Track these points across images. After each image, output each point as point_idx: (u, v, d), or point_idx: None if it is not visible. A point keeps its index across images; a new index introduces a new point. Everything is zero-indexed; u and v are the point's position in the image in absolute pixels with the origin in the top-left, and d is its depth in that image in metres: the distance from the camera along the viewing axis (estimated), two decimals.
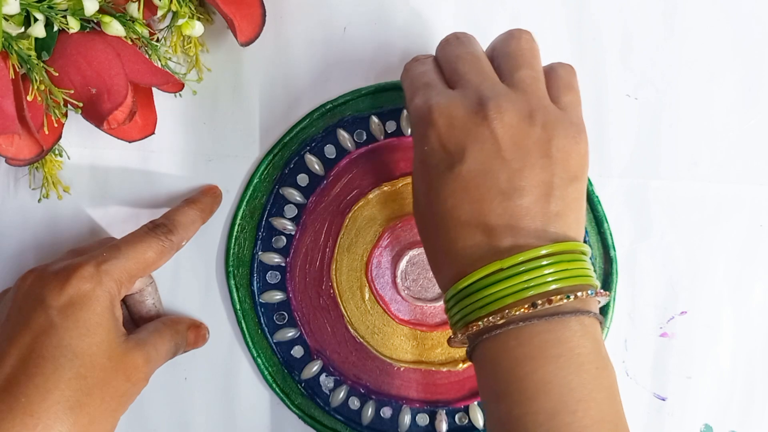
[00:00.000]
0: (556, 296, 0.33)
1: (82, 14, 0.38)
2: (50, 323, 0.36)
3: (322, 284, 0.46)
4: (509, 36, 0.38)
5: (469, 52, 0.37)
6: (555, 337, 0.33)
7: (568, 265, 0.33)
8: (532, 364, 0.32)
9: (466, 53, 0.37)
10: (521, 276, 0.33)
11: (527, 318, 0.33)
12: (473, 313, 0.34)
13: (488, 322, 0.33)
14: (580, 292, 0.33)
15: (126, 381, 0.38)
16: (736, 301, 0.46)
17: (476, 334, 0.34)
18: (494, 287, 0.33)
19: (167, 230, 0.41)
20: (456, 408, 0.45)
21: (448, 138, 0.35)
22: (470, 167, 0.34)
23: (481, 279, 0.34)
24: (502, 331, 0.33)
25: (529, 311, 0.33)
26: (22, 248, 0.46)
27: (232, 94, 0.46)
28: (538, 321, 0.33)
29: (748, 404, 0.46)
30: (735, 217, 0.46)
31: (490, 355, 0.34)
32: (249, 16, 0.42)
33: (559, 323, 0.33)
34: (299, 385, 0.45)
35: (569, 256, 0.33)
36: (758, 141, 0.46)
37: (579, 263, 0.34)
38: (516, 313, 0.33)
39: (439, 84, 0.37)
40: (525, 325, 0.33)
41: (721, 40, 0.46)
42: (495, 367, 0.34)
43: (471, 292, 0.34)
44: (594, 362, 0.33)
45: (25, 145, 0.40)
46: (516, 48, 0.37)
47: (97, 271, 0.38)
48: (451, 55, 0.38)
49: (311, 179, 0.45)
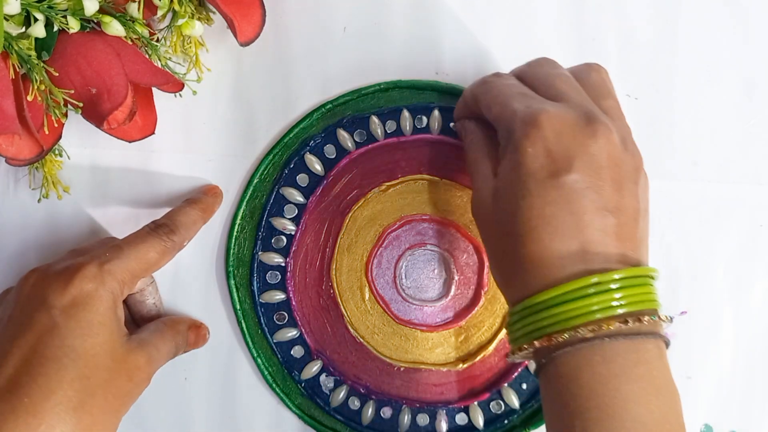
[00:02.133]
0: (644, 316, 0.33)
1: (82, 14, 0.38)
2: (53, 323, 0.36)
3: (322, 284, 0.46)
4: (589, 68, 0.39)
5: (563, 73, 0.38)
6: (638, 357, 0.33)
7: (648, 288, 0.34)
8: (616, 382, 0.32)
9: (562, 74, 0.38)
10: (613, 292, 0.33)
11: (616, 334, 0.33)
12: (557, 325, 0.33)
13: (575, 334, 0.33)
14: (655, 316, 0.34)
15: (128, 381, 0.38)
16: (736, 301, 0.46)
17: (554, 347, 0.34)
18: (588, 299, 0.33)
19: (169, 230, 0.41)
20: (456, 408, 0.45)
21: (555, 145, 0.34)
22: (577, 178, 0.34)
23: (573, 290, 0.33)
24: (587, 345, 0.33)
25: (618, 328, 0.33)
26: (23, 248, 0.46)
27: (232, 94, 0.46)
28: (624, 339, 0.33)
29: (748, 404, 0.46)
30: (735, 217, 0.46)
31: (567, 370, 0.33)
32: (249, 16, 0.42)
33: (642, 344, 0.33)
34: (299, 385, 0.45)
35: (650, 280, 0.34)
36: (758, 141, 0.46)
37: (653, 287, 0.35)
38: (607, 328, 0.33)
39: (538, 95, 0.37)
40: (610, 342, 0.33)
41: (721, 40, 0.46)
42: (574, 383, 0.33)
43: (556, 303, 0.33)
44: (668, 386, 0.34)
45: (25, 145, 0.40)
46: (599, 79, 0.38)
47: (99, 271, 0.38)
48: (546, 73, 0.38)
49: (311, 179, 0.45)
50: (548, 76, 0.38)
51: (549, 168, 0.34)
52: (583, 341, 0.33)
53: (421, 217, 0.45)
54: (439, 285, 0.46)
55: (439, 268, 0.45)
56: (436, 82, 0.45)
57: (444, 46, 0.46)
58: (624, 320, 0.33)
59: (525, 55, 0.46)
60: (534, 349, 0.34)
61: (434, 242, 0.45)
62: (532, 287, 0.35)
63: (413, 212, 0.46)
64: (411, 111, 0.45)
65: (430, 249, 0.45)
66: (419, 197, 0.46)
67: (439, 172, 0.45)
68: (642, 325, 0.33)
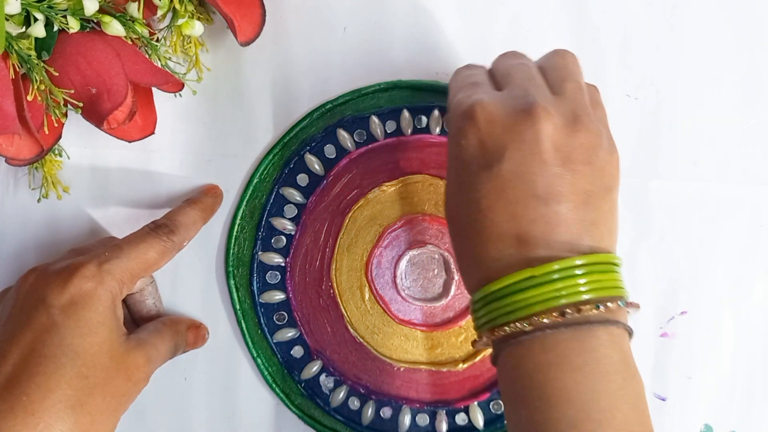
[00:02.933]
0: (586, 306, 0.32)
1: (82, 14, 0.38)
2: (52, 322, 0.36)
3: (322, 284, 0.46)
4: (554, 53, 0.38)
5: (523, 63, 0.37)
6: (581, 346, 0.32)
7: (600, 276, 0.33)
8: (555, 371, 0.32)
9: (520, 64, 0.37)
10: (553, 284, 0.32)
11: (555, 326, 0.33)
12: (500, 318, 0.33)
13: (515, 328, 0.33)
14: (611, 302, 0.33)
15: (127, 380, 0.38)
16: (736, 301, 0.46)
17: (502, 338, 0.34)
18: (524, 293, 0.33)
19: (169, 230, 0.41)
20: (456, 408, 0.45)
21: (487, 135, 0.34)
22: (509, 167, 0.33)
23: (511, 285, 0.33)
24: (528, 337, 0.33)
25: (558, 319, 0.32)
26: (23, 248, 0.46)
27: (232, 94, 0.46)
28: (565, 329, 0.32)
29: (748, 404, 0.46)
30: (735, 217, 0.46)
31: (513, 360, 0.34)
32: (249, 16, 0.42)
33: (587, 332, 0.32)
34: (299, 385, 0.45)
35: (602, 267, 0.33)
36: (758, 141, 0.46)
37: (611, 274, 0.33)
38: (544, 320, 0.32)
39: (486, 84, 0.37)
40: (552, 333, 0.33)
41: (722, 39, 0.46)
42: (518, 372, 0.33)
43: (500, 296, 0.33)
44: (620, 372, 0.33)
45: (25, 145, 0.40)
46: (562, 62, 0.37)
47: (99, 271, 0.38)
48: (505, 63, 0.38)
49: (311, 179, 0.45)
50: (508, 67, 0.37)
51: (483, 159, 0.34)
52: (524, 333, 0.33)
53: (421, 217, 0.46)
54: (439, 285, 0.45)
55: (439, 268, 0.45)
56: (436, 82, 0.45)
57: (444, 46, 0.46)
58: (561, 312, 0.32)
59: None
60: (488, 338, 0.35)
61: (434, 242, 0.45)
62: (478, 280, 0.35)
63: (413, 212, 0.46)
64: (411, 111, 0.45)
65: (430, 249, 0.45)
66: (419, 197, 0.46)
67: (439, 172, 0.45)
68: (586, 315, 0.32)
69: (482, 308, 0.35)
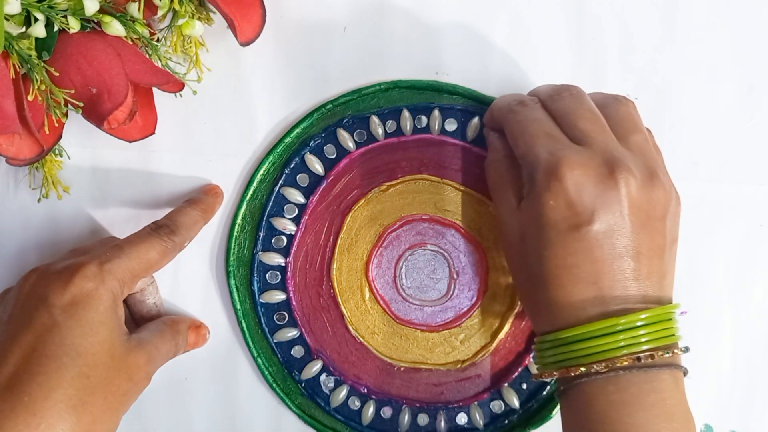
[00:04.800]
0: (657, 352, 0.35)
1: (82, 14, 0.38)
2: (53, 322, 0.36)
3: (323, 284, 0.46)
4: (615, 101, 0.40)
5: (588, 109, 0.39)
6: (650, 387, 0.35)
7: (668, 323, 0.36)
8: (628, 409, 0.35)
9: (586, 110, 0.39)
10: (635, 331, 0.35)
11: (629, 368, 0.36)
12: (575, 359, 0.36)
13: (591, 369, 0.36)
14: (676, 349, 0.36)
15: (128, 380, 0.38)
16: (736, 301, 0.46)
17: (574, 377, 0.37)
18: (603, 339, 0.36)
19: (170, 231, 0.41)
20: (456, 408, 0.45)
21: (577, 197, 0.36)
22: (598, 230, 0.36)
23: (590, 331, 0.36)
24: (602, 377, 0.36)
25: (633, 363, 0.35)
26: (23, 248, 0.46)
27: (232, 94, 0.46)
28: (637, 371, 0.35)
29: (748, 404, 0.46)
30: (735, 217, 0.46)
31: (585, 396, 0.36)
32: (249, 16, 0.42)
33: (655, 375, 0.36)
34: (299, 385, 0.45)
35: (667, 315, 0.36)
36: (758, 141, 0.46)
37: (672, 322, 0.37)
38: (624, 363, 0.35)
39: (563, 138, 0.38)
40: (624, 374, 0.36)
41: (721, 40, 0.46)
42: (591, 409, 0.36)
43: (576, 340, 0.36)
44: (682, 414, 0.36)
45: (26, 145, 0.40)
46: (626, 112, 0.39)
47: (100, 271, 0.38)
48: (569, 109, 0.39)
49: (311, 179, 0.45)
50: (572, 114, 0.39)
51: (570, 221, 0.36)
52: (598, 374, 0.36)
53: (421, 217, 0.46)
54: (439, 285, 0.46)
55: (439, 268, 0.45)
56: (436, 82, 0.45)
57: (444, 46, 0.46)
58: (637, 358, 0.35)
59: (525, 55, 0.46)
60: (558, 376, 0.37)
61: (434, 242, 0.45)
62: (555, 324, 0.37)
63: (413, 212, 0.46)
64: (411, 111, 0.45)
65: (430, 249, 0.45)
66: (419, 197, 0.46)
67: (439, 172, 0.45)
68: (658, 360, 0.35)
69: (551, 349, 0.37)
